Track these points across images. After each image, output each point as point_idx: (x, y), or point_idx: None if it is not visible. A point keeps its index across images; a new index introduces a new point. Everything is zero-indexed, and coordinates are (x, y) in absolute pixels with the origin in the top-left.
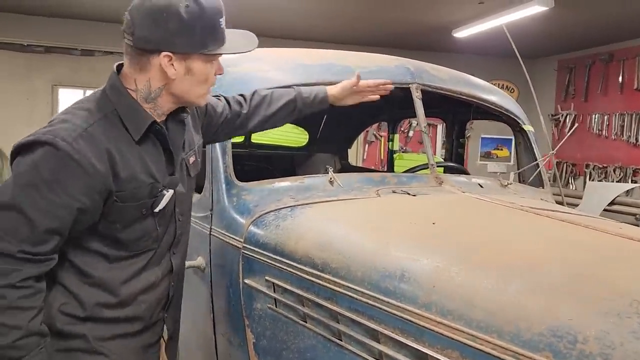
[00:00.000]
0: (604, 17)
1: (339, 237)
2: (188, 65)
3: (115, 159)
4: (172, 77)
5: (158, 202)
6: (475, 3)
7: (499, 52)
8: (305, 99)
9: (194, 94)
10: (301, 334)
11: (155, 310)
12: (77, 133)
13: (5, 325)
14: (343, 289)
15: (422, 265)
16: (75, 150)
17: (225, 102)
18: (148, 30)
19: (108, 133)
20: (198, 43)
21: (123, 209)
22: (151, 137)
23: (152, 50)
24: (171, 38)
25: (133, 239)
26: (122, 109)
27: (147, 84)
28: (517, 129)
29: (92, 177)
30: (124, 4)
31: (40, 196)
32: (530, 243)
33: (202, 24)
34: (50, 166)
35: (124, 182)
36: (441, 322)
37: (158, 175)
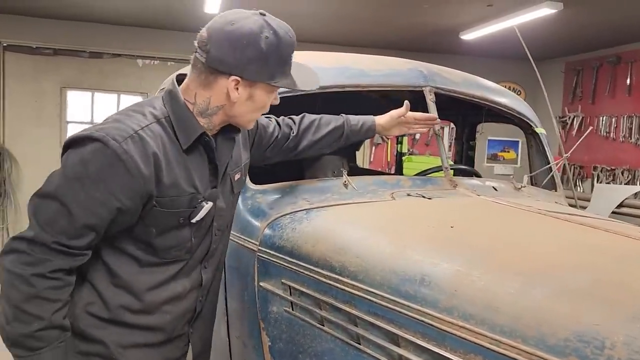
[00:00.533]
0: (612, 19)
1: (357, 240)
2: (252, 92)
3: (161, 165)
4: (234, 100)
5: (196, 213)
6: (483, 5)
7: (506, 54)
8: (353, 126)
9: (248, 118)
10: (318, 337)
11: (180, 323)
12: (128, 134)
13: (29, 313)
14: (362, 292)
15: (443, 270)
16: (123, 151)
17: (275, 124)
18: (224, 53)
19: (157, 138)
20: (267, 73)
21: (161, 215)
22: (199, 148)
23: (223, 72)
24: (245, 65)
25: (166, 246)
26: (176, 117)
27: (207, 100)
28: (529, 132)
29: (135, 178)
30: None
31: (84, 191)
32: (551, 247)
33: (276, 56)
34: (98, 163)
35: (165, 188)
36: (464, 326)
37: (200, 187)
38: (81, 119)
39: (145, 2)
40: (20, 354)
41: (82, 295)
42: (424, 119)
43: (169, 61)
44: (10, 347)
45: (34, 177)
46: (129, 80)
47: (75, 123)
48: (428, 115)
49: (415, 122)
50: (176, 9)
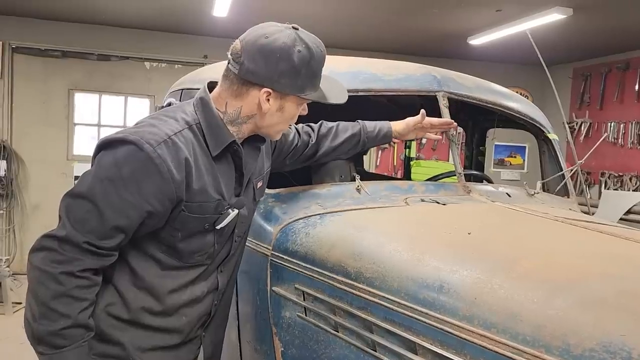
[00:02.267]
0: (621, 25)
1: (373, 246)
2: (282, 104)
3: (191, 171)
4: (265, 111)
5: (222, 220)
6: (492, 10)
7: (513, 60)
8: (370, 133)
9: (276, 129)
10: (332, 344)
11: (195, 326)
12: (161, 138)
13: (57, 311)
14: (378, 298)
15: (462, 277)
16: (157, 155)
17: (295, 132)
18: (258, 65)
19: (189, 144)
20: (298, 86)
21: (188, 220)
22: (227, 156)
23: (256, 83)
24: (277, 77)
25: (190, 251)
26: (207, 124)
27: (238, 110)
28: (541, 138)
29: (167, 183)
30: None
31: (115, 192)
32: (572, 255)
33: (307, 70)
34: (131, 165)
35: (194, 193)
36: (484, 335)
37: (226, 194)
38: (88, 120)
39: (153, 5)
40: (45, 351)
41: (103, 296)
42: (440, 124)
43: (176, 64)
44: (35, 345)
45: (41, 179)
46: (136, 82)
47: (83, 125)
48: (445, 121)
49: (431, 127)
50: (184, 12)
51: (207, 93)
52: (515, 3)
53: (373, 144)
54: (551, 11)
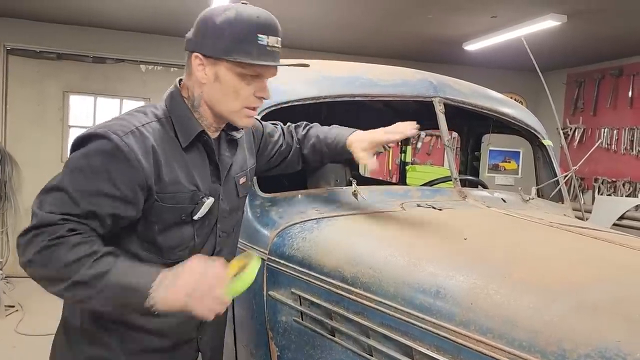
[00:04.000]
0: (615, 32)
1: (369, 251)
2: (217, 71)
3: (160, 161)
4: (202, 81)
5: (198, 210)
6: (488, 17)
7: (508, 65)
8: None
9: (226, 107)
10: (329, 348)
11: (187, 327)
12: (128, 129)
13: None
14: (374, 303)
15: (459, 283)
16: (124, 143)
17: (281, 132)
18: (192, 32)
19: (158, 136)
20: (221, 49)
21: (162, 210)
22: (199, 147)
23: (190, 50)
24: (202, 39)
25: (170, 245)
26: (176, 115)
27: (192, 89)
28: (536, 144)
29: (136, 170)
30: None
31: (85, 180)
32: (567, 261)
33: (232, 31)
34: (100, 156)
35: (166, 184)
36: (480, 340)
37: (201, 185)
38: (83, 123)
39: (148, 8)
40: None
41: None
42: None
43: (172, 67)
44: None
45: (35, 181)
46: (131, 85)
47: (78, 127)
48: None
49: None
50: (181, 15)
51: (176, 87)
52: (510, 9)
53: (337, 158)
54: (546, 18)
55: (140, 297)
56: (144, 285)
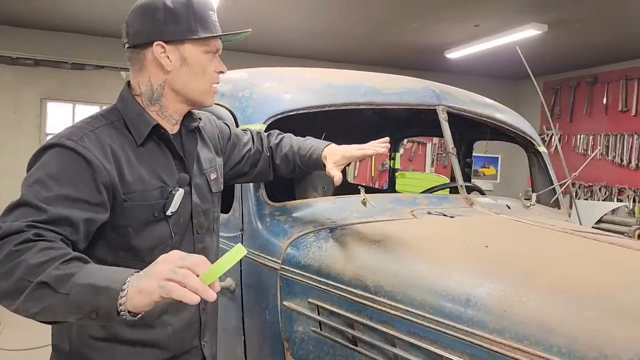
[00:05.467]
0: (591, 41)
1: (391, 259)
2: (182, 54)
3: (121, 161)
4: (168, 68)
5: (170, 203)
6: (470, 26)
7: (487, 73)
8: (302, 156)
9: (195, 88)
10: (350, 358)
11: (187, 336)
12: (82, 133)
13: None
14: (400, 312)
15: (489, 290)
16: (80, 147)
17: (250, 136)
18: (139, 25)
19: (114, 137)
20: (186, 29)
21: (133, 209)
22: (158, 143)
23: (145, 42)
24: (160, 27)
25: (148, 246)
26: (128, 115)
27: (149, 83)
28: (531, 150)
29: (97, 170)
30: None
31: (47, 190)
32: (591, 267)
33: (189, 11)
34: (57, 163)
35: (130, 184)
36: (517, 347)
37: (167, 179)
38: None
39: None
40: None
41: None
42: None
43: None
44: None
45: (12, 189)
46: (111, 92)
47: None
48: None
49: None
50: None
51: (126, 88)
52: (493, 18)
53: (309, 169)
54: (527, 27)
55: (110, 297)
56: (116, 283)
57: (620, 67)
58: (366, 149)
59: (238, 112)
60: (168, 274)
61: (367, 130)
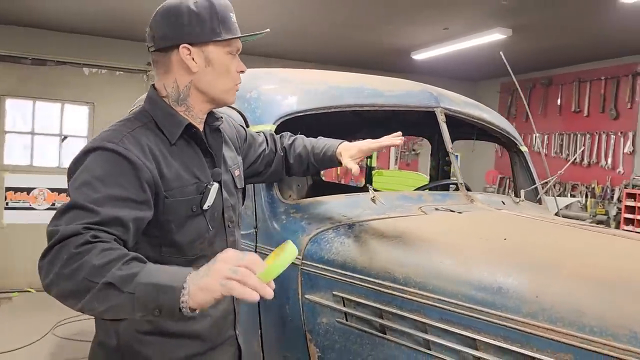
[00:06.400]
0: (548, 45)
1: (417, 253)
2: (207, 55)
3: (159, 159)
4: (194, 69)
5: (206, 198)
6: (440, 28)
7: (448, 74)
8: (317, 154)
9: (220, 87)
10: (379, 345)
11: (223, 327)
12: (122, 135)
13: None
14: (432, 301)
15: (518, 279)
16: (122, 148)
17: (264, 138)
18: (164, 29)
19: (150, 138)
20: (210, 31)
21: (174, 205)
22: (189, 141)
23: (171, 46)
24: (185, 30)
25: (188, 241)
26: (159, 116)
27: (175, 84)
28: (513, 150)
29: (140, 169)
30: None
31: (95, 191)
32: (606, 256)
33: (212, 14)
34: (101, 165)
35: (169, 181)
36: (551, 328)
37: (201, 176)
38: (21, 128)
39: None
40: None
41: None
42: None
43: (117, 71)
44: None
45: None
46: (74, 89)
47: (15, 133)
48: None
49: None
50: (125, 16)
51: (152, 90)
52: (461, 23)
53: (323, 167)
54: (493, 31)
55: (173, 296)
56: (177, 282)
57: (573, 70)
58: (382, 141)
59: (247, 112)
60: (228, 272)
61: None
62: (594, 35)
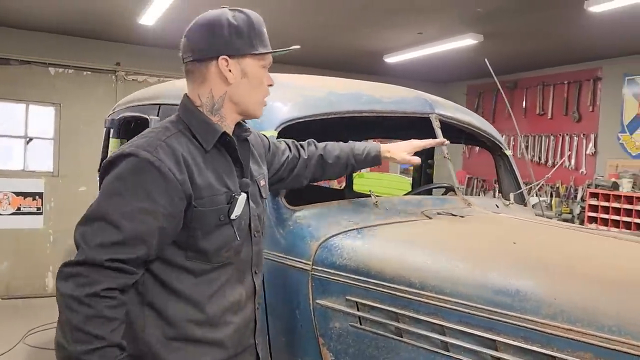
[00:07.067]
0: (515, 50)
1: (432, 257)
2: (243, 67)
3: (192, 168)
4: (231, 81)
5: (234, 208)
6: (414, 33)
7: (418, 77)
8: (358, 156)
9: (252, 100)
10: (396, 348)
11: (245, 334)
12: (156, 144)
13: (90, 333)
14: (450, 304)
15: (536, 281)
16: (155, 159)
17: (286, 145)
18: (205, 41)
19: (184, 145)
20: (248, 45)
21: (202, 215)
22: (221, 150)
23: (211, 57)
24: (226, 42)
25: (214, 248)
26: (194, 123)
27: (210, 94)
28: (497, 153)
29: (171, 182)
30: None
31: (125, 202)
32: (610, 258)
33: (250, 28)
34: (133, 174)
35: (201, 189)
36: (570, 329)
37: (231, 185)
38: None
39: (56, 7)
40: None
41: (146, 319)
42: (435, 144)
43: (84, 71)
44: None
45: None
46: (39, 89)
47: None
48: (438, 141)
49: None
50: (92, 15)
51: (186, 99)
52: (436, 27)
53: (363, 166)
54: (466, 36)
55: None
56: None
57: (538, 74)
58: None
59: None
60: None
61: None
62: (560, 42)
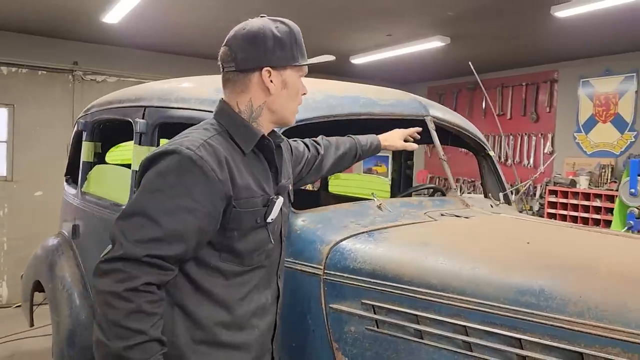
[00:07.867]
0: (477, 53)
1: (450, 259)
2: (284, 78)
3: (233, 168)
4: (272, 91)
5: (270, 211)
6: (383, 35)
7: (383, 77)
8: (364, 146)
9: (289, 109)
10: (417, 350)
11: (266, 338)
12: (199, 143)
13: (130, 329)
14: (474, 305)
15: (558, 281)
16: (198, 157)
17: (303, 144)
18: (248, 52)
19: (223, 146)
20: (290, 56)
21: (240, 216)
22: (259, 154)
23: (254, 68)
24: (269, 54)
25: (248, 250)
26: (232, 127)
27: (249, 103)
28: (481, 154)
29: (213, 182)
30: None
31: (166, 199)
32: (623, 256)
33: (291, 40)
34: (176, 172)
35: (240, 190)
36: (597, 325)
37: (267, 188)
38: None
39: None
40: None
41: (173, 318)
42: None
43: (39, 70)
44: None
45: None
46: None
47: None
48: (417, 129)
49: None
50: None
51: (224, 103)
52: (405, 30)
53: (366, 156)
54: (434, 39)
55: None
56: None
57: (497, 76)
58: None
59: None
60: None
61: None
62: (523, 45)
